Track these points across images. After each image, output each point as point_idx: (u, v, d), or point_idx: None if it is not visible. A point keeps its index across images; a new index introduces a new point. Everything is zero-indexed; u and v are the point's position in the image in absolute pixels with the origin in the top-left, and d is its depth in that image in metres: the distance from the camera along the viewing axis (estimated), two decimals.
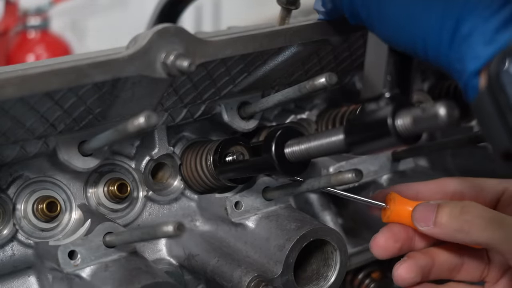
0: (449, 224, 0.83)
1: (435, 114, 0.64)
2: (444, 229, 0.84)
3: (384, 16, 0.74)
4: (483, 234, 0.81)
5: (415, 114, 0.68)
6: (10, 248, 0.91)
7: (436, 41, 0.69)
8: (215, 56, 0.81)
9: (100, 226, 0.86)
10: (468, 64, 0.66)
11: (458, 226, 0.83)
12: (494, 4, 0.66)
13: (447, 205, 0.85)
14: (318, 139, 0.79)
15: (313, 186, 0.88)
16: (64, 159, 0.86)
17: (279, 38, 0.85)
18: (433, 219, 0.84)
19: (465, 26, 0.67)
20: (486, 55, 0.65)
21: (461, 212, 0.83)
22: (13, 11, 2.74)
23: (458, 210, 0.83)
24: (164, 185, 1.01)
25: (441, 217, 0.84)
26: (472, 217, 0.82)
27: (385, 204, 0.89)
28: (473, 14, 0.66)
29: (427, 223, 0.85)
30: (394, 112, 0.71)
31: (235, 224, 0.95)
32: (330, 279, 0.94)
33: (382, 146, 0.73)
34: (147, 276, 0.82)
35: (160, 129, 0.97)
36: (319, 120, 1.11)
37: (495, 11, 0.66)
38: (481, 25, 0.66)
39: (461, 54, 0.67)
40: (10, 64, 1.45)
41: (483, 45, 0.66)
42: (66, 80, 0.71)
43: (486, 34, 0.65)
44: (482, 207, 0.83)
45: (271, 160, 0.82)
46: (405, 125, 0.69)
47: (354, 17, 0.80)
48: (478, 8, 0.66)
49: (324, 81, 0.80)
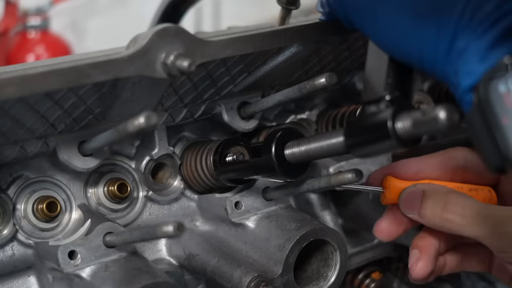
0: (432, 219, 0.83)
1: (435, 117, 0.64)
2: (428, 221, 0.83)
3: (378, 28, 0.74)
4: (465, 230, 0.80)
5: (415, 117, 0.68)
6: (10, 248, 0.91)
7: (432, 55, 0.69)
8: (215, 56, 0.81)
9: (100, 226, 0.86)
10: (462, 80, 0.66)
11: (440, 222, 0.82)
12: (486, 21, 0.66)
13: (430, 196, 0.83)
14: (318, 141, 0.79)
15: (313, 186, 0.88)
16: (64, 159, 0.86)
17: (279, 38, 0.85)
18: (418, 208, 0.84)
19: (461, 41, 0.67)
20: (480, 72, 0.65)
21: (443, 208, 0.82)
22: (13, 11, 2.74)
23: (440, 205, 0.82)
24: (164, 185, 1.01)
25: (424, 209, 0.83)
26: (454, 215, 0.81)
27: (381, 189, 0.89)
28: (467, 30, 0.66)
29: (413, 211, 0.85)
30: (394, 115, 0.70)
31: (235, 224, 0.95)
32: (330, 279, 0.94)
33: (382, 148, 0.73)
34: (147, 276, 0.82)
35: (160, 129, 0.97)
36: (319, 120, 1.11)
37: (488, 28, 0.65)
38: (474, 42, 0.66)
39: (457, 68, 0.67)
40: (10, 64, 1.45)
41: (477, 61, 0.66)
42: (66, 80, 0.71)
43: (480, 51, 0.65)
44: (467, 202, 0.81)
45: (271, 162, 0.82)
46: (405, 128, 0.69)
47: (349, 24, 0.80)
48: (471, 25, 0.66)
49: (324, 81, 0.80)
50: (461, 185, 0.89)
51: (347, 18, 0.79)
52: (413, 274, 0.87)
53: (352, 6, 0.77)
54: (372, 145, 0.74)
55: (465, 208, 0.81)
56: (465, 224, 0.80)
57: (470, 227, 0.80)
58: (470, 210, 0.80)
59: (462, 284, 1.16)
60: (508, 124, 0.63)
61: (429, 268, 0.87)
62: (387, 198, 0.89)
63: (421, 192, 0.84)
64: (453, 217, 0.81)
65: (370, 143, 0.74)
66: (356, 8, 0.76)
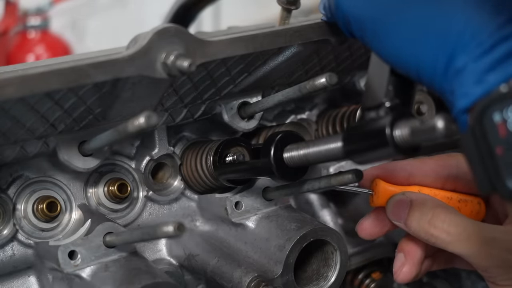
0: (418, 232, 0.84)
1: (433, 126, 0.64)
2: (414, 232, 0.84)
3: (378, 40, 0.74)
4: (450, 247, 0.81)
5: (413, 125, 0.68)
6: (10, 248, 0.91)
7: (430, 72, 0.69)
8: (215, 56, 0.81)
9: (100, 226, 0.86)
10: (458, 101, 0.66)
11: (425, 236, 0.83)
12: (485, 43, 0.65)
13: (418, 208, 0.84)
14: (316, 146, 0.79)
15: (313, 186, 0.88)
16: (64, 159, 0.86)
17: (279, 38, 0.85)
18: (405, 218, 0.85)
19: (458, 61, 0.66)
20: (475, 95, 0.65)
21: (429, 222, 0.82)
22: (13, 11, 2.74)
23: (427, 219, 0.83)
24: (164, 185, 1.01)
25: (410, 221, 0.84)
26: (440, 231, 0.81)
27: (370, 191, 0.90)
28: (465, 51, 0.66)
29: (399, 220, 0.85)
30: (393, 123, 0.70)
31: (235, 224, 0.95)
32: (330, 279, 0.94)
33: (380, 155, 0.73)
34: (147, 276, 0.82)
35: (160, 129, 0.97)
36: (319, 120, 1.11)
37: (487, 51, 0.65)
38: (471, 63, 0.65)
39: (453, 88, 0.67)
40: (10, 64, 1.45)
41: (473, 84, 0.65)
42: (66, 80, 0.71)
43: (476, 73, 0.65)
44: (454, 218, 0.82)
45: (269, 164, 0.83)
46: (403, 136, 0.69)
47: (349, 34, 0.80)
48: (470, 45, 0.66)
49: (325, 81, 0.80)
50: (451, 195, 0.89)
51: (347, 28, 0.79)
52: (397, 278, 0.89)
53: (352, 18, 0.77)
54: (370, 152, 0.74)
55: (451, 224, 0.81)
56: (450, 242, 0.81)
57: (455, 244, 0.81)
58: (456, 227, 0.81)
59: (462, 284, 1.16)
60: (501, 155, 0.63)
61: (414, 273, 0.88)
62: (374, 202, 0.90)
63: (409, 201, 0.85)
64: (438, 233, 0.81)
65: (368, 150, 0.74)
66: (356, 19, 0.76)
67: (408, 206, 0.85)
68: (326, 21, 0.87)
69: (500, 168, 0.63)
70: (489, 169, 0.64)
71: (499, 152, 0.63)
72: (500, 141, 0.63)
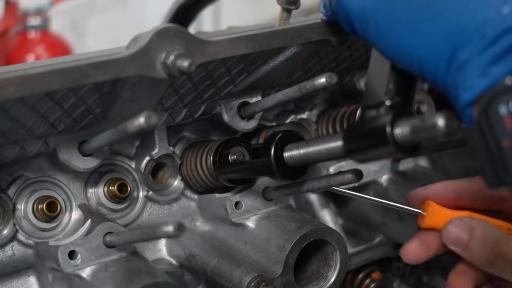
0: (479, 259, 0.81)
1: (433, 125, 0.64)
2: (474, 260, 0.81)
3: (380, 36, 0.74)
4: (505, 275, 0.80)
5: (414, 123, 0.68)
6: (10, 248, 0.91)
7: (433, 66, 0.69)
8: (215, 56, 0.81)
9: (100, 226, 0.86)
10: (462, 94, 0.66)
11: (487, 264, 0.80)
12: (489, 36, 0.65)
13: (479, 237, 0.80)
14: (317, 145, 0.79)
15: (313, 186, 0.88)
16: (64, 159, 0.86)
17: (279, 38, 0.85)
18: (465, 245, 0.81)
19: (462, 55, 0.66)
20: (480, 87, 0.65)
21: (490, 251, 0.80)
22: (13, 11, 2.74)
23: (489, 248, 0.80)
24: (164, 185, 1.01)
25: (471, 249, 0.81)
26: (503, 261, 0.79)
27: (422, 212, 0.88)
28: (469, 45, 0.66)
29: (457, 246, 0.82)
30: (393, 121, 0.70)
31: (235, 224, 0.95)
32: (330, 279, 0.94)
33: (380, 154, 0.73)
34: (147, 276, 0.82)
35: (160, 129, 0.97)
36: (319, 120, 1.11)
37: (490, 44, 0.65)
38: (475, 56, 0.65)
39: (457, 82, 0.67)
40: (10, 64, 1.45)
41: (477, 77, 0.65)
42: (66, 80, 0.71)
43: (480, 66, 0.65)
44: None
45: (269, 163, 0.82)
46: (403, 134, 0.69)
47: (351, 30, 0.80)
48: (473, 39, 0.66)
49: (324, 81, 0.80)
50: (500, 223, 0.87)
51: (349, 24, 0.79)
52: None
53: (354, 13, 0.76)
54: (370, 151, 0.74)
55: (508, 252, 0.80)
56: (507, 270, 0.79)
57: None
58: None
59: None
60: (508, 147, 0.63)
61: None
62: (426, 223, 0.87)
63: (469, 228, 0.82)
64: (500, 261, 0.80)
65: (368, 148, 0.74)
66: (358, 15, 0.76)
67: (468, 232, 0.81)
68: (326, 20, 0.87)
69: (507, 161, 0.63)
70: (496, 163, 0.64)
71: (506, 144, 0.63)
72: (507, 134, 0.63)
